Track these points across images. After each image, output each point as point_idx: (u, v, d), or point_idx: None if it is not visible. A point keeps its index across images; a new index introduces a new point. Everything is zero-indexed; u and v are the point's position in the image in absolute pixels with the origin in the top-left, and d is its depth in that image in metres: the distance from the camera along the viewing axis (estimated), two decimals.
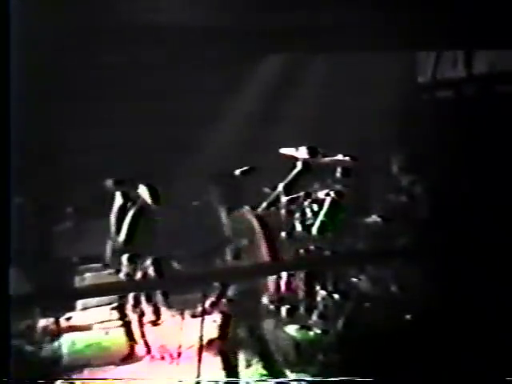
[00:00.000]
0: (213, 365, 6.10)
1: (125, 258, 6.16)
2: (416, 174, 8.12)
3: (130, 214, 6.22)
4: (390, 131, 8.40)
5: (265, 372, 5.97)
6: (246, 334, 6.63)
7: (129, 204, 6.34)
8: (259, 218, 5.89)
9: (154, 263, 6.06)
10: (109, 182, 6.51)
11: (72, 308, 6.72)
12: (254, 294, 6.62)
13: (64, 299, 6.08)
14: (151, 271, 6.02)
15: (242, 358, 6.23)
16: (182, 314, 6.49)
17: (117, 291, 6.16)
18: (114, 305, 6.48)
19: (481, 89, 8.23)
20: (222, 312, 6.17)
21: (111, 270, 6.61)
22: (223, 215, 5.94)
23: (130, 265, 6.20)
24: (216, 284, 6.31)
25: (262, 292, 6.68)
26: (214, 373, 5.87)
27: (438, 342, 5.51)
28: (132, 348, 6.27)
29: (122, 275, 6.24)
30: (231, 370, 5.75)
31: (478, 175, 7.19)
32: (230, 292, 6.49)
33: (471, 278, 5.99)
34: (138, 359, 6.15)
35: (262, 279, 6.87)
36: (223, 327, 6.02)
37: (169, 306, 6.45)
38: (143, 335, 6.25)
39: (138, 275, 6.14)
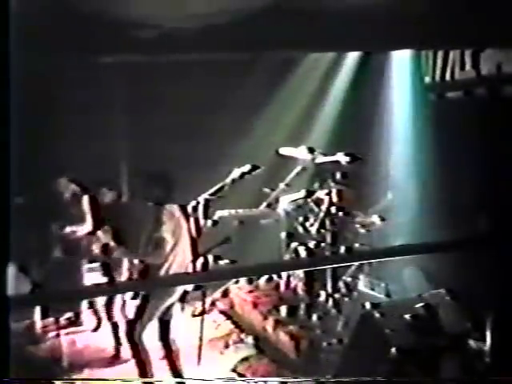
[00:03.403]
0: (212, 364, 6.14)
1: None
2: (418, 174, 8.12)
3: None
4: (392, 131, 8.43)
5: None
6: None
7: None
8: (187, 216, 5.83)
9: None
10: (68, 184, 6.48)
11: (72, 308, 6.73)
12: None
13: (64, 299, 6.07)
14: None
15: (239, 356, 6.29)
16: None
17: (116, 291, 6.16)
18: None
19: (488, 90, 8.20)
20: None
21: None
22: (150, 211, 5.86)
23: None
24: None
25: None
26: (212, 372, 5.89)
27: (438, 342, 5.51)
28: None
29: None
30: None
31: (485, 176, 7.16)
32: None
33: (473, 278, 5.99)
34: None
35: None
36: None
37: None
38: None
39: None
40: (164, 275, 5.60)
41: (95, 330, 6.71)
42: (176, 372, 5.65)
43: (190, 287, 5.71)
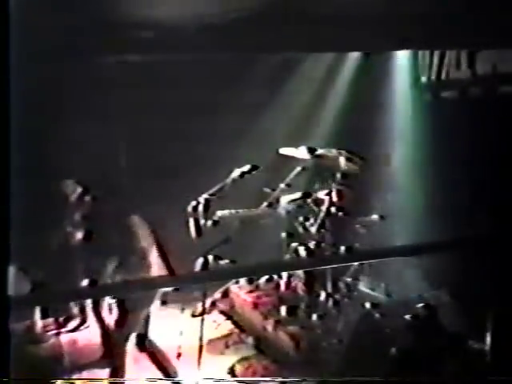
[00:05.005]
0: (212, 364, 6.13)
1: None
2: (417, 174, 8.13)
3: None
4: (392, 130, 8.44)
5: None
6: None
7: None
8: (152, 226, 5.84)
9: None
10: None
11: (72, 308, 6.72)
12: None
13: (64, 299, 6.07)
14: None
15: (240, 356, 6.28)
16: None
17: (117, 291, 6.16)
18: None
19: (485, 90, 8.21)
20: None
21: None
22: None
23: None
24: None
25: None
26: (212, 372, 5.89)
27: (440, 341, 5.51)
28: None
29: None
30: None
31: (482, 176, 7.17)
32: None
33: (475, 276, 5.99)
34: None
35: None
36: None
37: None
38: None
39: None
40: (164, 275, 5.61)
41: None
42: (165, 372, 5.65)
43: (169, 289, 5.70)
